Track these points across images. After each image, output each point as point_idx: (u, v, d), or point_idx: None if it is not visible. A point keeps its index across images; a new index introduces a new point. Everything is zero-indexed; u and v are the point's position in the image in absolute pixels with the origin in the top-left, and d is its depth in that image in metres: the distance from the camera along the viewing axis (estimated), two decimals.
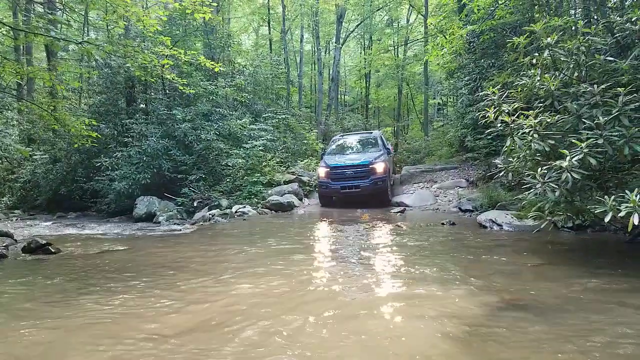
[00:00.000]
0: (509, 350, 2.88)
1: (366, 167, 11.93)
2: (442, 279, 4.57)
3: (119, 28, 10.72)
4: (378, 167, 11.93)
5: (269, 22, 29.19)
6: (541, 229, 5.55)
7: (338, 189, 12.04)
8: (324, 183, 12.30)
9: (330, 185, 12.14)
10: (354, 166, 12.05)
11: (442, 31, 15.83)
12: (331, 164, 12.33)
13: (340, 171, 12.07)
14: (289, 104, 24.49)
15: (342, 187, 11.98)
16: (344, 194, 12.08)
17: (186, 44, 15.68)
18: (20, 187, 16.79)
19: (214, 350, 2.93)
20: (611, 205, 4.22)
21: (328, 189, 12.23)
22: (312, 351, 2.87)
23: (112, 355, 2.91)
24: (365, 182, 11.81)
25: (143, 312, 3.74)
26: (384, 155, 12.65)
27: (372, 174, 11.84)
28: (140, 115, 14.66)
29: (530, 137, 5.20)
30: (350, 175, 11.97)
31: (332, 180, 12.10)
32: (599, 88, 5.01)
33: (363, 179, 11.85)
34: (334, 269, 5.15)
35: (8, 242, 7.43)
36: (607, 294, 4.03)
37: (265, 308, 3.75)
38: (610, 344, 2.93)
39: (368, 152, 13.09)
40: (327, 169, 12.27)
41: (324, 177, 12.31)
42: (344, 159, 12.61)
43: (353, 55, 37.04)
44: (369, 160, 12.07)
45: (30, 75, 10.62)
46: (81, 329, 3.40)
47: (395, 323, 3.41)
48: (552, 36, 5.56)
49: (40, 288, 4.69)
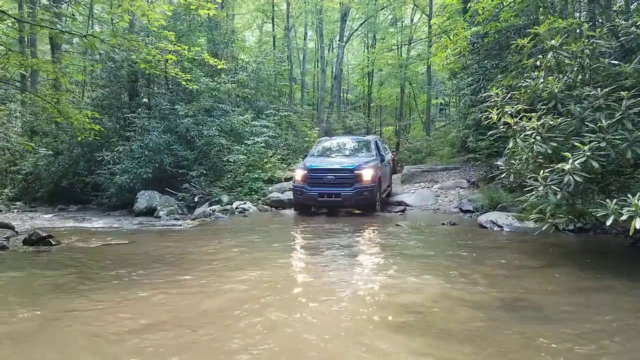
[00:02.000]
0: (492, 348, 2.89)
1: (351, 172, 10.16)
2: (438, 278, 4.57)
3: (124, 22, 10.70)
4: (365, 174, 10.13)
5: (273, 19, 29.16)
6: (542, 231, 5.55)
7: (315, 195, 10.21)
8: (299, 188, 10.45)
9: (305, 191, 10.31)
10: (336, 170, 10.33)
11: (445, 32, 15.81)
12: (310, 165, 10.62)
13: (320, 175, 10.26)
14: (291, 101, 24.51)
15: (320, 194, 10.15)
16: (322, 203, 10.46)
17: (190, 40, 15.69)
18: (22, 179, 16.83)
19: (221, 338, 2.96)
20: (613, 209, 4.22)
21: (303, 195, 10.39)
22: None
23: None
24: (347, 191, 10.02)
25: (133, 305, 3.77)
26: (375, 161, 10.89)
27: (358, 181, 10.05)
28: (142, 110, 14.67)
29: (533, 139, 5.20)
30: (330, 181, 10.15)
31: (309, 185, 10.27)
32: (602, 91, 5.01)
33: (346, 186, 10.06)
34: (327, 266, 5.16)
35: (9, 234, 7.46)
36: (606, 296, 4.04)
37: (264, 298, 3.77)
38: (609, 345, 2.94)
39: (357, 156, 11.32)
40: (305, 171, 10.48)
41: (299, 181, 10.47)
42: (326, 162, 10.96)
43: (356, 53, 37.01)
44: (355, 165, 10.33)
45: (34, 67, 10.63)
46: (65, 320, 3.43)
47: (381, 315, 3.42)
48: (556, 38, 5.56)
49: (37, 279, 4.71)
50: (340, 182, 10.10)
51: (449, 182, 13.69)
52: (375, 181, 10.27)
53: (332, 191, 10.10)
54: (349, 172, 10.17)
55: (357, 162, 10.57)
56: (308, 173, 10.36)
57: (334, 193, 10.09)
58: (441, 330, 3.20)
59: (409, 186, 14.28)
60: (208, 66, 14.52)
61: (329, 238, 7.08)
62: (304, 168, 10.55)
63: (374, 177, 10.24)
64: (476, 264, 5.31)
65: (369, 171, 10.19)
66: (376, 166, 10.64)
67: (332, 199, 10.12)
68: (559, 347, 2.93)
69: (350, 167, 10.26)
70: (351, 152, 11.78)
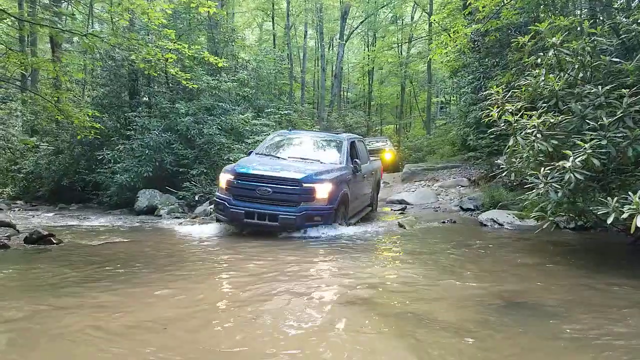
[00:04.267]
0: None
1: (297, 185, 6.92)
2: (438, 275, 4.58)
3: (124, 21, 10.70)
4: (320, 190, 6.96)
5: (273, 17, 29.15)
6: (543, 229, 5.55)
7: (240, 214, 6.96)
8: (221, 201, 7.27)
9: (228, 206, 7.08)
10: (276, 180, 7.00)
11: (446, 29, 15.80)
12: (240, 168, 7.34)
13: (251, 184, 7.02)
14: (291, 99, 24.48)
15: (248, 212, 6.91)
16: (249, 226, 7.12)
17: (190, 38, 15.68)
18: (22, 178, 16.82)
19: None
20: (614, 207, 4.22)
21: (225, 211, 7.19)
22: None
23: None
24: (290, 212, 6.85)
25: (128, 302, 3.79)
26: (341, 172, 7.60)
27: (307, 199, 6.89)
28: (143, 109, 14.65)
29: (534, 137, 5.20)
30: (265, 195, 6.92)
31: (234, 197, 7.09)
32: (603, 89, 5.00)
33: (288, 205, 6.91)
34: (325, 263, 5.17)
35: (10, 233, 7.45)
36: (606, 294, 4.05)
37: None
38: (607, 343, 2.95)
39: (318, 162, 7.90)
40: (231, 176, 7.26)
41: (223, 190, 7.36)
42: (270, 165, 7.54)
43: (356, 52, 37.01)
44: (306, 176, 7.01)
45: (34, 66, 10.64)
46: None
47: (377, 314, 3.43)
48: (557, 36, 5.55)
49: (37, 277, 4.71)
50: (279, 197, 6.89)
51: (450, 180, 13.70)
52: (335, 201, 7.09)
53: (265, 210, 6.84)
54: (295, 184, 6.90)
55: (312, 171, 7.20)
56: (235, 179, 7.10)
57: (268, 214, 6.81)
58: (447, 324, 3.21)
59: (409, 184, 14.29)
60: (208, 64, 14.51)
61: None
62: (231, 171, 7.29)
63: (334, 194, 7.04)
64: (476, 262, 5.31)
65: (326, 186, 6.97)
66: (341, 179, 7.41)
67: (264, 221, 6.84)
68: (557, 344, 2.93)
69: (297, 178, 6.92)
70: (313, 155, 8.20)
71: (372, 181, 9.90)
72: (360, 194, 8.75)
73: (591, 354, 2.80)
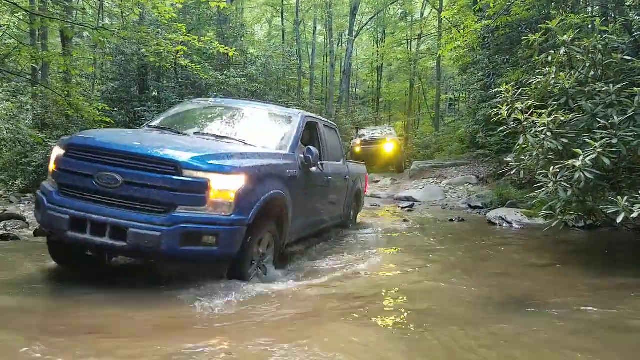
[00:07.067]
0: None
1: (173, 172, 3.50)
2: (445, 273, 4.58)
3: (134, 15, 10.75)
4: (219, 185, 3.57)
5: (282, 13, 29.11)
6: (551, 228, 5.51)
7: (62, 221, 3.58)
8: (41, 195, 3.88)
9: (46, 204, 3.72)
10: (135, 159, 3.56)
11: (456, 25, 15.70)
12: (78, 139, 3.96)
13: (90, 165, 3.63)
14: (300, 95, 24.48)
15: (76, 219, 3.54)
16: (78, 243, 3.75)
17: (200, 33, 15.71)
18: (32, 171, 16.93)
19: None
20: (624, 206, 4.19)
21: (41, 211, 3.80)
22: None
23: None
24: (151, 224, 3.45)
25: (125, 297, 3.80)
26: (274, 162, 4.41)
27: (192, 201, 3.52)
28: (152, 103, 14.74)
29: (544, 136, 5.16)
30: (110, 187, 3.53)
31: (60, 187, 3.77)
32: (614, 87, 4.96)
33: (151, 208, 3.51)
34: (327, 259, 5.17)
35: (20, 225, 7.54)
36: (615, 292, 4.03)
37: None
38: (618, 344, 2.94)
39: (236, 144, 4.51)
40: (62, 151, 3.82)
41: (50, 176, 4.00)
42: (134, 139, 4.14)
43: (365, 48, 36.86)
44: (196, 157, 3.59)
45: (45, 60, 10.71)
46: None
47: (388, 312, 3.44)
48: (568, 34, 5.49)
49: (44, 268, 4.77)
50: (136, 194, 3.53)
51: (458, 178, 13.65)
52: (251, 209, 3.77)
53: (107, 217, 3.51)
54: (169, 169, 3.52)
55: (213, 151, 3.89)
56: (65, 156, 3.79)
57: (112, 224, 3.49)
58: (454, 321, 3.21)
59: (417, 182, 14.26)
60: (217, 60, 14.54)
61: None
62: (63, 143, 3.92)
63: (249, 196, 3.77)
64: (485, 261, 5.30)
65: (233, 179, 3.68)
66: (270, 172, 4.22)
67: (102, 239, 3.49)
68: (563, 342, 2.93)
69: (174, 159, 3.55)
70: (238, 134, 4.92)
71: (346, 189, 6.89)
72: (316, 206, 5.67)
73: (600, 355, 2.79)
